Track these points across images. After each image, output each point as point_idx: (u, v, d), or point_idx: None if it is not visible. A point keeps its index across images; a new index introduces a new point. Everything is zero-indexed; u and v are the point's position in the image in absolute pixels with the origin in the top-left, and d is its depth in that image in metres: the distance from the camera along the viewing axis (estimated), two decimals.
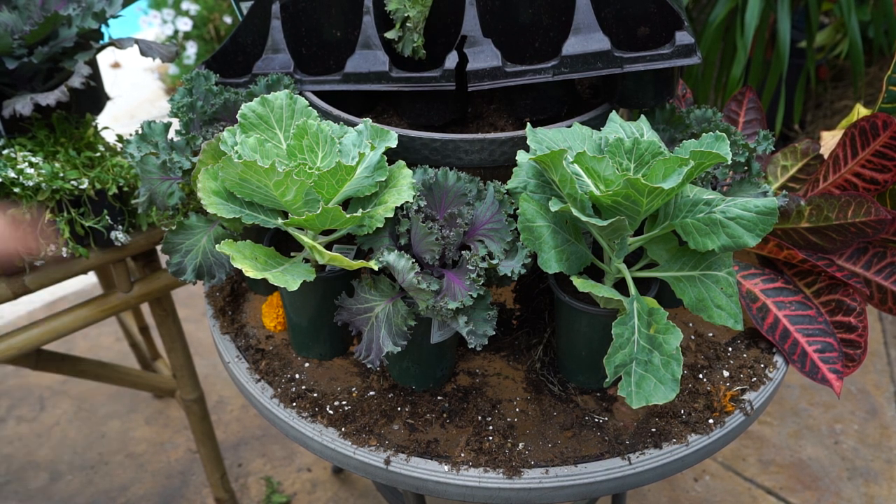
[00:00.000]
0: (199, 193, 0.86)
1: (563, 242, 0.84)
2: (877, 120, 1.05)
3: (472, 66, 0.95)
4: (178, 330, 1.56)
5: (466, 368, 1.04)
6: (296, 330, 1.05)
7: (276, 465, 1.99)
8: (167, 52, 1.25)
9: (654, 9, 0.99)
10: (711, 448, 0.94)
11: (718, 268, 0.84)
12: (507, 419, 0.96)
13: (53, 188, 1.17)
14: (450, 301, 0.83)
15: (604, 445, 0.91)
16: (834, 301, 1.07)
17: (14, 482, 1.96)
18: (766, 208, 0.79)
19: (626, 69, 0.93)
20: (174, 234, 0.98)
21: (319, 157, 0.88)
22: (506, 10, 1.03)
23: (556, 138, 0.86)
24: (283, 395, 1.00)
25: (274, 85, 1.04)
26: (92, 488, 1.94)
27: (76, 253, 1.24)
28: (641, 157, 0.82)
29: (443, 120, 1.08)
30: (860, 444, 2.00)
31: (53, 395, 2.23)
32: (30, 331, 1.32)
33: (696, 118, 1.03)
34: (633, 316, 0.81)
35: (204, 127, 1.03)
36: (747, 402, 0.97)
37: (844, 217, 1.05)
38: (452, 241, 0.88)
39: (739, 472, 1.93)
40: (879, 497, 1.85)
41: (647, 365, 0.79)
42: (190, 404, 1.65)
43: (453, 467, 0.89)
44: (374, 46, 1.03)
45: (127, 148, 1.02)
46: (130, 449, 2.05)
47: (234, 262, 0.80)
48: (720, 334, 1.09)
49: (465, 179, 0.91)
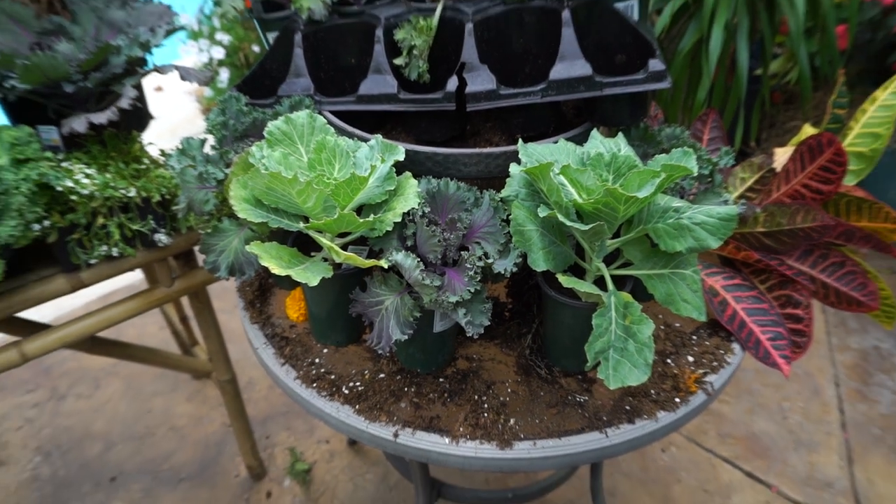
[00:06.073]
0: (231, 201, 0.86)
1: (549, 244, 0.84)
2: (822, 139, 1.05)
3: (471, 88, 0.95)
4: (213, 320, 1.56)
5: (465, 354, 1.04)
6: (315, 320, 1.04)
7: (299, 437, 1.99)
8: (203, 77, 1.24)
9: (630, 39, 0.98)
10: (677, 423, 0.93)
11: (685, 267, 0.84)
12: (500, 398, 0.95)
13: (105, 196, 1.17)
14: (450, 295, 0.82)
15: (584, 421, 0.91)
16: (784, 295, 1.07)
17: (74, 450, 1.97)
18: (727, 215, 0.79)
19: (605, 92, 0.93)
20: (209, 236, 0.98)
21: (336, 168, 0.88)
22: (500, 40, 1.03)
23: (544, 153, 0.85)
24: (305, 376, 1.00)
25: (296, 105, 1.04)
26: (140, 456, 1.94)
27: (125, 253, 1.24)
28: (619, 170, 0.81)
29: (444, 136, 1.08)
30: (804, 419, 2.00)
31: (106, 375, 2.24)
32: (86, 320, 1.32)
33: (666, 136, 1.03)
34: (610, 309, 0.81)
35: (235, 142, 1.03)
36: (709, 383, 0.96)
37: (794, 223, 1.05)
38: (453, 243, 0.88)
39: (701, 443, 1.93)
40: (819, 464, 1.85)
41: (623, 351, 0.79)
42: (224, 384, 1.65)
43: (453, 440, 0.88)
44: (384, 71, 1.02)
45: (168, 161, 1.02)
46: (173, 422, 2.05)
47: (262, 261, 0.79)
48: (686, 325, 1.09)
49: (464, 188, 0.91)
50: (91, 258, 1.22)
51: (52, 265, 1.24)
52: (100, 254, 1.22)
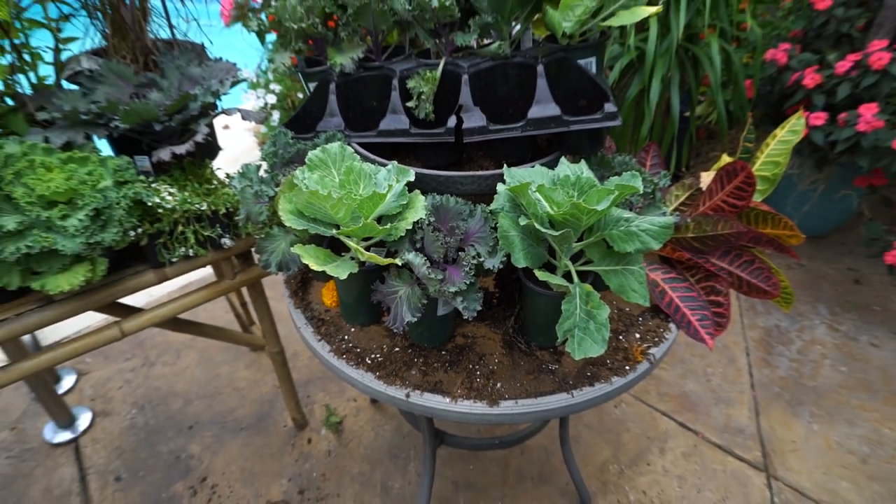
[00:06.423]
0: (279, 213, 0.85)
1: (528, 246, 0.83)
2: (737, 165, 1.04)
3: (467, 125, 0.94)
4: (266, 305, 1.55)
5: (461, 333, 1.03)
6: (345, 305, 1.03)
7: (333, 396, 1.97)
8: (259, 117, 1.23)
9: (590, 88, 0.97)
10: (627, 386, 0.92)
11: (633, 264, 0.82)
12: (489, 367, 0.94)
13: (184, 209, 1.16)
14: (450, 286, 0.81)
15: (555, 384, 0.90)
16: (709, 286, 1.06)
17: (161, 405, 1.95)
18: (665, 223, 0.78)
19: (571, 128, 0.91)
20: (263, 240, 0.97)
21: (361, 187, 0.86)
22: (489, 88, 1.02)
23: (524, 175, 0.84)
24: (337, 350, 0.98)
25: (330, 138, 1.02)
26: (211, 410, 1.93)
27: (198, 253, 1.23)
28: (582, 188, 0.80)
29: (446, 162, 1.06)
30: (723, 381, 1.98)
31: (185, 347, 2.22)
32: (169, 305, 1.31)
33: (618, 162, 1.01)
34: (576, 297, 0.79)
35: (283, 167, 1.02)
36: (651, 354, 0.95)
37: (716, 230, 1.03)
38: (452, 245, 0.87)
39: (645, 401, 1.91)
40: (734, 415, 1.84)
41: (586, 330, 0.78)
42: (274, 355, 1.64)
43: (452, 399, 0.87)
44: (399, 112, 1.01)
45: (232, 182, 1.01)
46: (235, 384, 2.04)
47: (303, 259, 0.78)
48: (634, 309, 1.07)
49: (461, 203, 0.89)
50: (173, 257, 1.21)
51: (144, 263, 1.22)
52: (179, 254, 1.21)
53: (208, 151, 1.37)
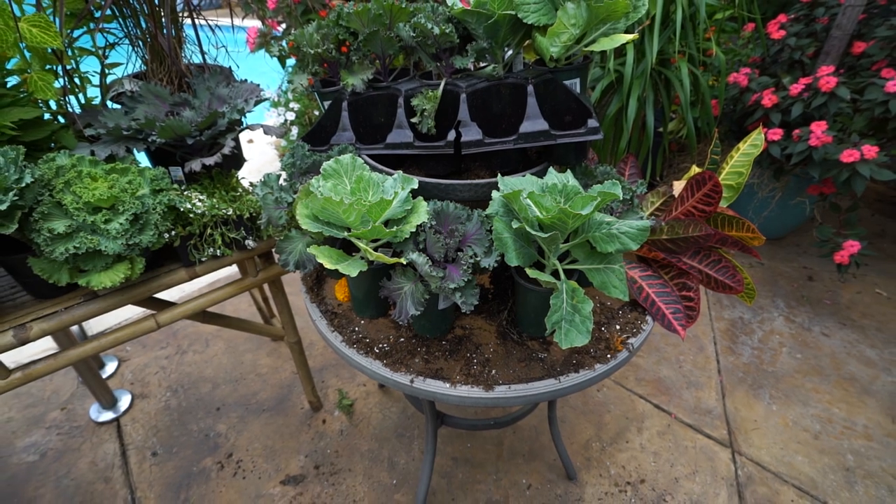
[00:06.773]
0: (297, 217, 0.84)
1: (520, 247, 0.82)
2: (705, 175, 1.03)
3: (465, 139, 0.93)
4: (285, 300, 1.54)
5: (460, 325, 1.02)
6: (355, 300, 1.02)
7: (345, 381, 1.96)
8: (280, 132, 1.23)
9: (575, 105, 0.96)
10: (608, 372, 0.91)
11: (614, 263, 0.82)
12: (485, 356, 0.93)
13: (212, 214, 1.15)
14: (450, 283, 0.80)
15: (544, 371, 0.89)
16: (681, 282, 1.05)
17: (192, 388, 1.94)
18: (642, 227, 0.77)
19: (558, 141, 0.91)
20: (282, 242, 0.96)
21: (370, 194, 0.86)
22: (484, 105, 1.01)
23: (516, 183, 0.83)
24: (348, 340, 0.97)
25: (343, 151, 1.02)
26: (236, 394, 1.92)
27: (225, 253, 1.22)
28: (568, 195, 0.79)
29: (446, 171, 1.05)
30: (694, 367, 1.97)
31: (213, 337, 2.21)
32: (199, 299, 1.30)
33: (600, 172, 1.01)
34: (562, 292, 0.78)
35: (301, 176, 1.01)
36: (630, 344, 0.94)
37: (687, 232, 1.03)
38: (452, 246, 0.86)
39: (624, 385, 1.91)
40: (703, 398, 1.83)
41: (572, 322, 0.77)
42: (292, 345, 1.63)
43: (452, 385, 0.86)
44: (404, 127, 1.00)
45: (255, 190, 1.00)
46: (258, 371, 2.03)
47: (318, 259, 0.77)
48: (615, 303, 1.06)
49: (460, 208, 0.89)
50: (202, 257, 1.20)
51: (176, 262, 1.22)
52: (208, 254, 1.20)
53: (234, 163, 1.36)
